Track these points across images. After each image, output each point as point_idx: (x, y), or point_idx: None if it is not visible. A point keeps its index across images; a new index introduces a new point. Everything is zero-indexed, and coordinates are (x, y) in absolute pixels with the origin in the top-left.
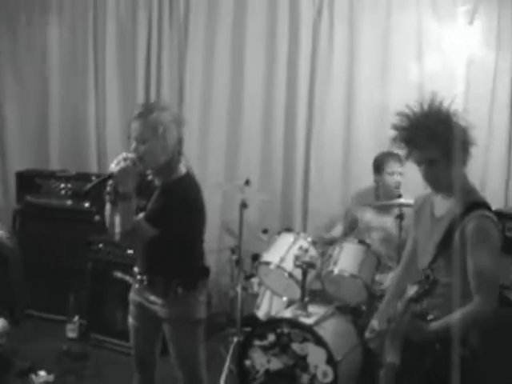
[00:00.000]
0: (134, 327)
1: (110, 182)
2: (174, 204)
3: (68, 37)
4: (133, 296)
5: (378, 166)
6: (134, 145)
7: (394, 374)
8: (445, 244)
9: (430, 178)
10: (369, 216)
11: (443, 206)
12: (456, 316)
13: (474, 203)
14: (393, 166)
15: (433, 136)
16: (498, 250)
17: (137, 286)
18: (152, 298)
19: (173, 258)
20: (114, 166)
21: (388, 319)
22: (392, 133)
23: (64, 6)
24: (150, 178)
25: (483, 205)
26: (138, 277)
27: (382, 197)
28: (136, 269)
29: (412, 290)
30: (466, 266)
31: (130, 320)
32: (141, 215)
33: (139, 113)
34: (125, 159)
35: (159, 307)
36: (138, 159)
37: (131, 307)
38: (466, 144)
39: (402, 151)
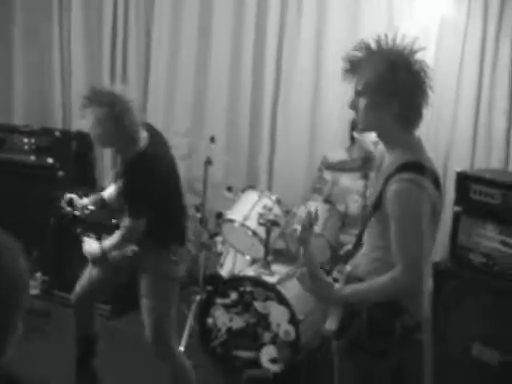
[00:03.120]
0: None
1: None
2: (136, 183)
3: None
4: None
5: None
6: None
7: (332, 340)
8: (376, 205)
9: (352, 108)
10: (345, 180)
11: (385, 162)
12: (370, 284)
13: (403, 164)
14: None
15: (367, 67)
16: (418, 218)
17: None
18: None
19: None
20: None
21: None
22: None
23: None
24: None
25: (413, 166)
26: None
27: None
28: None
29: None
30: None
31: None
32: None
33: (82, 101)
34: None
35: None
36: None
37: None
38: (413, 96)
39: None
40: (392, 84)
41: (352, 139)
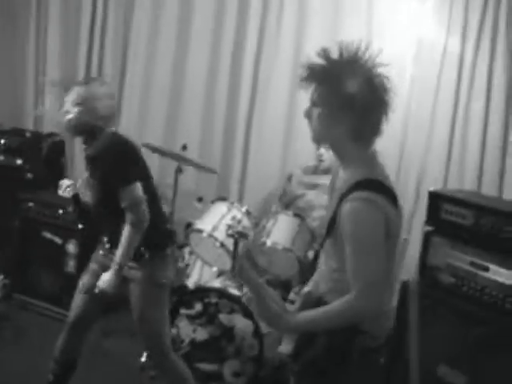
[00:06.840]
0: (89, 285)
1: None
2: (105, 165)
3: None
4: (98, 256)
5: None
6: None
7: (287, 362)
8: (330, 225)
9: (306, 117)
10: (311, 194)
11: (340, 178)
12: (324, 311)
13: (358, 182)
14: None
15: (324, 77)
16: (373, 239)
17: (101, 251)
18: None
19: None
20: None
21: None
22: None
23: None
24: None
25: (368, 184)
26: (106, 243)
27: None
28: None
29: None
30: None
31: (86, 278)
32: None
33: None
34: None
35: (127, 268)
36: None
37: (93, 266)
38: (369, 112)
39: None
40: (347, 97)
41: None
